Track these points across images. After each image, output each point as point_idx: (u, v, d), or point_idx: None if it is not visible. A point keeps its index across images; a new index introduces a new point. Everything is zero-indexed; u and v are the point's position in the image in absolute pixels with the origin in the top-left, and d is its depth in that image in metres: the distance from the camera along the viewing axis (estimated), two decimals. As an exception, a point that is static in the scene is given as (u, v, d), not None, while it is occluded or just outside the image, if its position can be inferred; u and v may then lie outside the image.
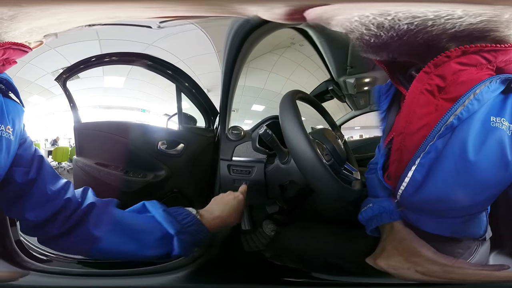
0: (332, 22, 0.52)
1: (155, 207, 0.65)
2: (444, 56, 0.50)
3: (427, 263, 0.60)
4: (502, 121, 0.49)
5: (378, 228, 0.69)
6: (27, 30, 0.56)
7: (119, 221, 0.62)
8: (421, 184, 0.54)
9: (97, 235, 0.59)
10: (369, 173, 0.75)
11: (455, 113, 0.49)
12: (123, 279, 0.70)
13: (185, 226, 0.63)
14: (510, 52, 0.50)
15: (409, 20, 0.46)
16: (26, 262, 0.70)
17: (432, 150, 0.52)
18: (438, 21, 0.46)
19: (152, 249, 0.62)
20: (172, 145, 1.00)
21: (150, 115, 1.03)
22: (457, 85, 0.50)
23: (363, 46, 0.51)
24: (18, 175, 0.56)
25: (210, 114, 1.04)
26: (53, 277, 0.69)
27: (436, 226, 0.62)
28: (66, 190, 0.60)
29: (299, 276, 0.77)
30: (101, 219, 0.60)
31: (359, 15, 0.47)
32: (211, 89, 1.03)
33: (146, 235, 0.62)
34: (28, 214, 0.56)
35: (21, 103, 0.59)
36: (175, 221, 0.63)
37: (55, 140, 1.04)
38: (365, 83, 1.06)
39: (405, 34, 0.47)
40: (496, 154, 0.49)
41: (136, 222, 0.63)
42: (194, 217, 0.64)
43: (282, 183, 0.85)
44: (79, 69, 0.96)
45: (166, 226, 0.62)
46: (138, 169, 0.95)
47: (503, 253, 0.69)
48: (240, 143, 0.89)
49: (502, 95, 0.51)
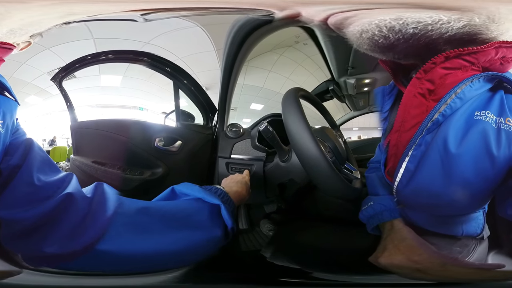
0: (351, 25, 0.57)
1: (190, 187, 0.61)
2: (431, 63, 0.55)
3: (427, 261, 0.61)
4: (487, 114, 0.52)
5: (378, 227, 0.69)
6: (8, 31, 0.57)
7: (160, 217, 0.54)
8: (413, 174, 0.57)
9: (126, 247, 0.49)
10: (369, 172, 0.75)
11: (439, 111, 0.54)
12: (121, 279, 0.69)
13: (222, 198, 0.61)
14: (490, 52, 0.54)
15: (414, 24, 0.51)
16: (22, 260, 0.67)
17: (422, 143, 0.56)
18: (435, 26, 0.50)
19: (210, 229, 0.58)
20: (170, 142, 0.98)
21: (148, 114, 1.02)
22: (444, 87, 0.55)
23: (372, 45, 0.56)
24: (3, 164, 0.47)
25: (209, 111, 1.04)
26: (50, 276, 0.68)
27: (433, 224, 0.65)
28: (67, 183, 0.50)
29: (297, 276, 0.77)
30: (131, 225, 0.51)
31: (379, 19, 0.52)
32: (210, 87, 1.03)
33: (197, 217, 0.57)
34: (2, 212, 0.45)
35: (14, 98, 0.55)
36: (213, 194, 0.60)
37: (52, 140, 1.03)
38: (365, 84, 1.07)
39: (410, 37, 0.52)
40: (479, 146, 0.51)
41: (178, 208, 0.58)
42: (223, 191, 0.63)
43: (281, 181, 0.84)
44: (74, 68, 0.95)
45: (211, 200, 0.59)
46: (135, 167, 0.94)
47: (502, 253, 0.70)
48: (239, 140, 0.89)
49: (489, 92, 0.54)
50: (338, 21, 0.59)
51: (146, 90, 1.02)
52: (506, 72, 0.56)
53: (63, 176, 0.51)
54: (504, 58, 0.55)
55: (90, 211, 0.49)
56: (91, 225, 0.47)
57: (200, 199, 0.59)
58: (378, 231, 0.69)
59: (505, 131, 0.51)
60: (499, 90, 0.54)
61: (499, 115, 0.52)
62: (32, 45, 0.65)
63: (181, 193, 0.62)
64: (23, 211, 0.45)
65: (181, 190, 0.62)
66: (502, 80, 0.54)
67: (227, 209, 0.59)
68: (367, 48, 0.57)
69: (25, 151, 0.49)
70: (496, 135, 0.51)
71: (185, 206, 0.59)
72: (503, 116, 0.52)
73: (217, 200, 0.59)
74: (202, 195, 0.59)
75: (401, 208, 0.66)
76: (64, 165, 1.02)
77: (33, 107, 0.94)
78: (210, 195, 0.60)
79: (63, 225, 0.46)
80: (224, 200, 0.61)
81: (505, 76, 0.54)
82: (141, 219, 0.52)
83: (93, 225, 0.48)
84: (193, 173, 1.00)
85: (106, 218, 0.48)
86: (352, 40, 0.59)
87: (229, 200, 0.62)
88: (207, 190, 0.61)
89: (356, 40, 0.57)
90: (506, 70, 0.56)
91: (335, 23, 0.60)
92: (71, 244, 0.46)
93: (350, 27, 0.57)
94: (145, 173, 0.94)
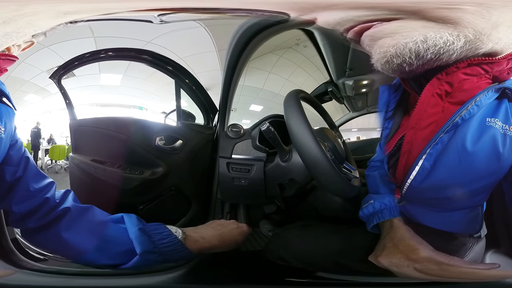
0: (383, 41, 0.56)
1: (132, 222, 0.67)
2: (454, 67, 0.58)
3: (425, 261, 0.63)
4: (496, 121, 0.59)
5: (378, 225, 0.70)
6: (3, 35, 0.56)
7: (92, 228, 0.66)
8: (429, 172, 0.61)
9: (65, 237, 0.64)
10: (370, 171, 0.76)
11: (460, 115, 0.59)
12: (120, 279, 0.69)
13: (160, 246, 0.65)
14: (503, 63, 0.59)
15: (432, 49, 0.52)
16: (22, 260, 0.70)
17: (439, 143, 0.60)
18: (445, 48, 0.52)
19: (109, 260, 0.65)
20: (170, 141, 0.98)
21: (147, 113, 1.02)
22: (460, 92, 0.60)
23: (397, 71, 0.57)
24: (8, 174, 0.63)
25: (210, 111, 1.04)
26: (50, 276, 0.68)
27: (434, 220, 0.67)
28: (48, 190, 0.66)
29: (297, 276, 0.77)
30: (73, 224, 0.65)
31: (413, 41, 0.52)
32: (210, 88, 1.03)
33: (111, 246, 0.65)
34: (14, 207, 0.63)
35: (13, 107, 0.64)
36: (148, 240, 0.64)
37: (50, 138, 1.03)
38: (363, 85, 1.08)
39: (427, 63, 0.54)
40: (490, 146, 0.58)
41: (108, 232, 0.66)
42: (174, 238, 0.66)
43: (281, 181, 0.85)
44: (74, 66, 0.94)
45: (135, 244, 0.64)
46: (135, 166, 0.93)
47: (499, 252, 0.72)
48: (240, 141, 0.89)
49: (496, 101, 0.60)
50: (370, 35, 0.57)
51: (146, 89, 1.02)
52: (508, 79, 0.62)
53: (46, 183, 0.67)
54: (511, 69, 0.61)
55: (54, 212, 0.65)
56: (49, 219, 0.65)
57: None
58: (378, 229, 0.70)
59: (510, 137, 0.59)
60: (503, 99, 0.61)
61: (505, 122, 0.59)
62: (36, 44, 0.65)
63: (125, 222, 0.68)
64: (21, 207, 0.64)
65: (126, 222, 0.67)
66: (507, 89, 0.60)
67: (153, 258, 0.65)
68: (391, 72, 0.58)
69: (25, 166, 0.65)
70: (503, 139, 0.59)
71: (115, 232, 0.67)
72: (507, 123, 0.59)
73: (141, 248, 0.64)
74: (133, 237, 0.65)
75: (401, 206, 0.67)
76: (63, 163, 1.02)
77: (31, 105, 0.94)
78: (141, 241, 0.64)
79: (38, 216, 0.65)
80: (163, 249, 0.65)
81: (510, 87, 0.60)
82: (79, 223, 0.66)
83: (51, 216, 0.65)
84: (194, 173, 1.00)
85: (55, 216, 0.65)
86: (377, 59, 0.57)
87: (174, 250, 0.66)
88: (147, 234, 0.66)
89: (383, 63, 0.56)
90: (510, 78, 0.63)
91: (366, 36, 0.57)
92: (38, 223, 0.64)
93: (380, 44, 0.55)
94: (145, 172, 0.94)
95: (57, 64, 0.92)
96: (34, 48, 0.66)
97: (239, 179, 0.87)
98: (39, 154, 1.02)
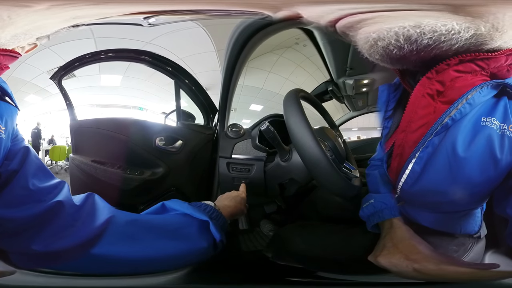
0: (363, 29, 0.54)
1: (179, 204, 0.64)
2: (444, 64, 0.55)
3: (424, 261, 0.62)
4: (492, 120, 0.54)
5: (377, 225, 0.70)
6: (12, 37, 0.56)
7: (149, 228, 0.58)
8: (419, 176, 0.59)
9: (117, 255, 0.53)
10: (371, 170, 0.76)
11: (449, 115, 0.55)
12: (120, 279, 0.68)
13: (210, 214, 0.64)
14: (501, 59, 0.55)
15: (430, 34, 0.49)
16: (22, 261, 0.68)
17: (429, 145, 0.57)
18: (447, 36, 0.49)
19: (197, 241, 0.61)
20: (170, 142, 0.98)
21: (147, 114, 1.02)
22: (453, 90, 0.56)
23: (385, 55, 0.54)
24: (2, 168, 0.51)
25: (209, 111, 1.04)
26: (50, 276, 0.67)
27: (433, 221, 0.66)
28: (59, 190, 0.53)
29: (298, 276, 0.77)
30: (122, 234, 0.54)
31: (399, 26, 0.50)
32: (210, 88, 1.03)
33: (185, 230, 0.60)
34: (2, 210, 0.48)
35: (15, 105, 0.58)
36: (202, 211, 0.63)
37: (51, 139, 1.03)
38: (363, 84, 1.08)
39: (423, 49, 0.51)
40: (485, 150, 0.54)
41: (167, 222, 0.61)
42: (212, 207, 0.66)
43: (281, 181, 0.85)
44: (74, 67, 0.94)
45: (199, 216, 0.62)
46: (135, 166, 0.94)
47: (499, 252, 0.71)
48: (240, 140, 0.89)
49: (494, 98, 0.56)
50: (348, 24, 0.55)
51: (146, 90, 1.02)
52: (509, 77, 0.58)
53: (55, 183, 0.54)
54: (511, 65, 0.56)
55: (78, 218, 0.52)
56: (78, 230, 0.51)
57: (189, 214, 0.63)
58: (378, 229, 0.69)
59: (508, 137, 0.54)
60: (503, 97, 0.56)
61: (503, 122, 0.54)
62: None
63: (171, 208, 0.64)
64: (16, 212, 0.49)
65: (171, 206, 0.64)
66: (507, 86, 0.55)
67: (215, 224, 0.63)
68: (378, 58, 0.55)
69: (22, 158, 0.53)
70: (500, 140, 0.53)
71: (173, 220, 0.62)
72: (506, 123, 0.54)
73: (205, 216, 0.62)
74: (190, 211, 0.62)
75: (401, 206, 0.67)
76: (63, 164, 1.02)
77: (32, 106, 0.94)
78: (199, 212, 0.63)
79: (51, 226, 0.50)
80: (213, 216, 0.64)
81: (509, 84, 0.55)
82: (130, 229, 0.56)
83: (81, 231, 0.52)
84: (194, 173, 1.00)
85: (95, 226, 0.52)
86: (362, 46, 0.55)
87: (218, 216, 0.65)
88: (196, 206, 0.65)
89: (368, 47, 0.54)
90: (511, 76, 0.58)
91: (344, 26, 0.56)
92: (56, 244, 0.50)
93: (362, 32, 0.54)
94: (146, 173, 0.94)
95: (57, 65, 0.92)
96: (35, 49, 0.66)
97: (239, 179, 0.87)
98: (39, 155, 1.02)
